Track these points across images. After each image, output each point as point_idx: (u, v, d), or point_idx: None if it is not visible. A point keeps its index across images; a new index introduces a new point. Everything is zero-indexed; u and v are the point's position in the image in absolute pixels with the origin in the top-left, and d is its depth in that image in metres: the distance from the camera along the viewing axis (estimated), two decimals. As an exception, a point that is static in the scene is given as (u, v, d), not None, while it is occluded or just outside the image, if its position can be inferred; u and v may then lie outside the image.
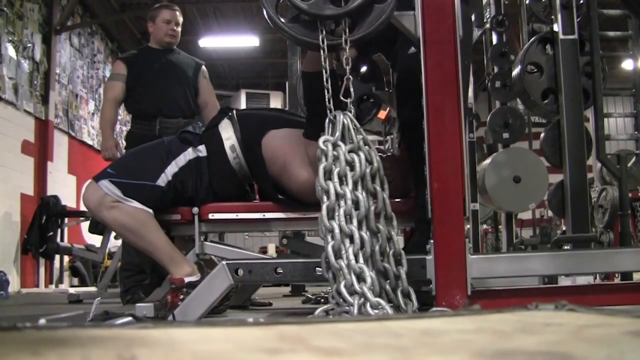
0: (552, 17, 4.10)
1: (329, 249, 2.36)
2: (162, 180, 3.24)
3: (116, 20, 15.26)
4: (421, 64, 2.77)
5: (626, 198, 5.10)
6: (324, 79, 2.65)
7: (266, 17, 2.74)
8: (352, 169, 2.47)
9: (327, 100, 2.64)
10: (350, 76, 2.67)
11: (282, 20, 2.72)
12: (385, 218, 2.51)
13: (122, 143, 5.69)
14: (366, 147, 2.55)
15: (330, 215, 2.41)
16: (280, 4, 2.73)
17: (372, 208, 2.46)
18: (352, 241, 2.38)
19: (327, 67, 2.65)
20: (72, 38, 13.45)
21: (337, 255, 2.36)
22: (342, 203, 2.41)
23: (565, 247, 4.25)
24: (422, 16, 2.75)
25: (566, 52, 3.98)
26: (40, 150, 11.73)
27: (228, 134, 3.33)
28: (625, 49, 5.98)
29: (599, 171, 8.14)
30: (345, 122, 2.57)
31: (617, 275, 6.05)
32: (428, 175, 2.70)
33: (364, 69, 4.55)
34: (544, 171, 5.94)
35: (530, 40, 4.30)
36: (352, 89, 2.66)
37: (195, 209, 3.27)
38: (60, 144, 12.61)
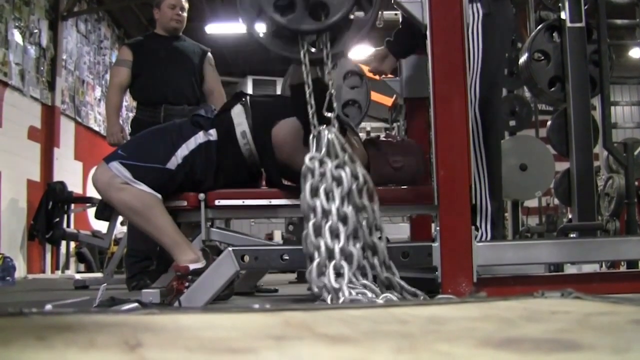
0: (560, 4, 4.08)
1: (314, 265, 2.33)
2: (172, 164, 3.23)
3: (122, 6, 15.24)
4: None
5: (632, 186, 5.09)
6: (307, 94, 2.63)
7: (246, 31, 2.73)
8: (339, 184, 2.45)
9: (310, 115, 2.62)
10: (334, 90, 2.65)
11: (262, 34, 2.71)
12: (376, 230, 2.49)
13: (128, 129, 5.69)
14: (352, 162, 2.53)
15: (317, 233, 2.39)
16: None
17: (364, 222, 2.44)
18: (347, 259, 2.35)
19: (310, 82, 2.64)
20: (79, 24, 13.44)
21: (321, 273, 2.32)
22: (328, 219, 2.39)
23: (571, 235, 4.24)
24: (429, 3, 2.74)
25: (573, 40, 3.96)
26: (46, 137, 11.74)
27: (240, 120, 3.33)
28: (633, 37, 5.98)
29: (606, 159, 8.13)
30: (330, 137, 2.55)
31: (622, 263, 6.05)
32: (434, 163, 2.69)
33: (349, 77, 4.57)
34: (551, 159, 5.93)
35: (538, 28, 4.28)
36: (335, 104, 2.64)
37: (202, 195, 3.27)
38: (67, 130, 12.61)
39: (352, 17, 2.72)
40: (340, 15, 2.62)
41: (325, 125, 2.56)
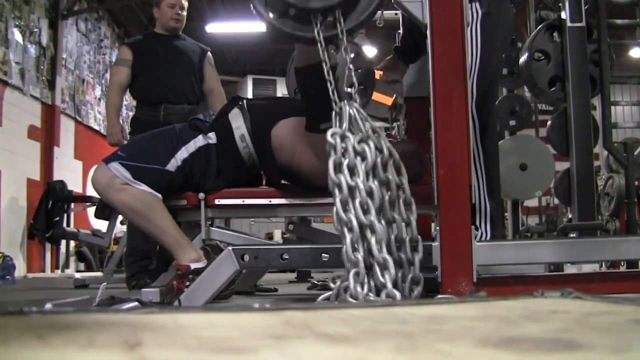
0: (560, 4, 4.08)
1: (347, 242, 2.31)
2: (172, 166, 3.23)
3: (123, 5, 15.23)
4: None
5: (632, 186, 5.09)
6: (325, 71, 2.59)
7: (255, 13, 2.66)
8: (364, 159, 2.42)
9: (330, 92, 2.58)
10: (351, 65, 2.62)
11: (272, 16, 2.67)
12: (404, 204, 2.45)
13: (128, 128, 5.70)
14: (375, 134, 2.50)
15: (345, 209, 2.36)
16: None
17: (387, 197, 2.41)
18: (372, 232, 2.32)
19: (327, 59, 2.60)
20: (79, 23, 13.43)
21: (355, 248, 2.31)
22: (356, 194, 2.36)
23: (571, 235, 4.24)
24: (429, 3, 2.73)
25: (574, 39, 3.96)
26: (46, 136, 11.73)
27: (238, 124, 3.32)
28: (633, 37, 5.97)
29: (606, 159, 8.13)
30: (352, 112, 2.52)
31: (622, 263, 6.05)
32: (434, 162, 2.69)
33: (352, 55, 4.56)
34: (551, 159, 5.93)
35: (538, 28, 4.27)
36: (354, 79, 2.60)
37: (202, 195, 3.26)
38: (67, 129, 12.61)
39: None
40: None
41: (345, 101, 2.54)
